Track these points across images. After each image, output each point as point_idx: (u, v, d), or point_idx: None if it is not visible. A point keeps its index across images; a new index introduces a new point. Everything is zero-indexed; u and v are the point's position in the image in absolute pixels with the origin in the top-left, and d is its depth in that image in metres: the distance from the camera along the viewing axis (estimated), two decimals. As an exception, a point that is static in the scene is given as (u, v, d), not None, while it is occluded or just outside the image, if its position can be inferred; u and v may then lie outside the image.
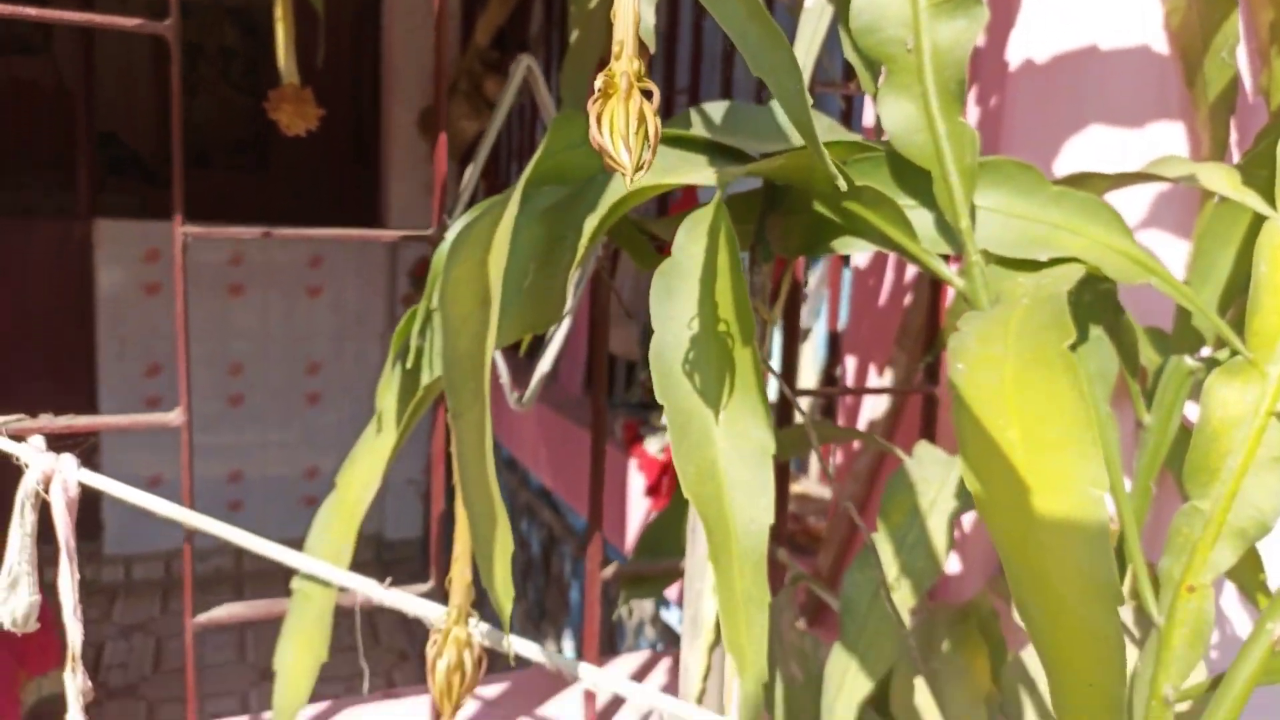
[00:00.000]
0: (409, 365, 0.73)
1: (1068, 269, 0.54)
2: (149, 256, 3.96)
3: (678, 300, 0.57)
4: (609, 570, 0.99)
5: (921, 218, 0.58)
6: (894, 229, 0.56)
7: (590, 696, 1.03)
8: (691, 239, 0.56)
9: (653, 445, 2.00)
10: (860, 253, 0.94)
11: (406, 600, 0.70)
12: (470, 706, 1.09)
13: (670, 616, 1.96)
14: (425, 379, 0.72)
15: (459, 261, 0.56)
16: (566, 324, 0.96)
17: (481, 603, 0.73)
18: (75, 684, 0.73)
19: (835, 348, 2.09)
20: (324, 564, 0.72)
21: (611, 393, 2.52)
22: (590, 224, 0.59)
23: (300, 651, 0.74)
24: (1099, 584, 0.42)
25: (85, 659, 0.72)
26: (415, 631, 4.20)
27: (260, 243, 4.22)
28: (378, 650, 3.76)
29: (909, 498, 0.83)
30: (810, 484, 1.96)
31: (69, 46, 4.21)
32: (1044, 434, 0.44)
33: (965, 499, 0.83)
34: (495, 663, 0.67)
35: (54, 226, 3.92)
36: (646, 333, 2.17)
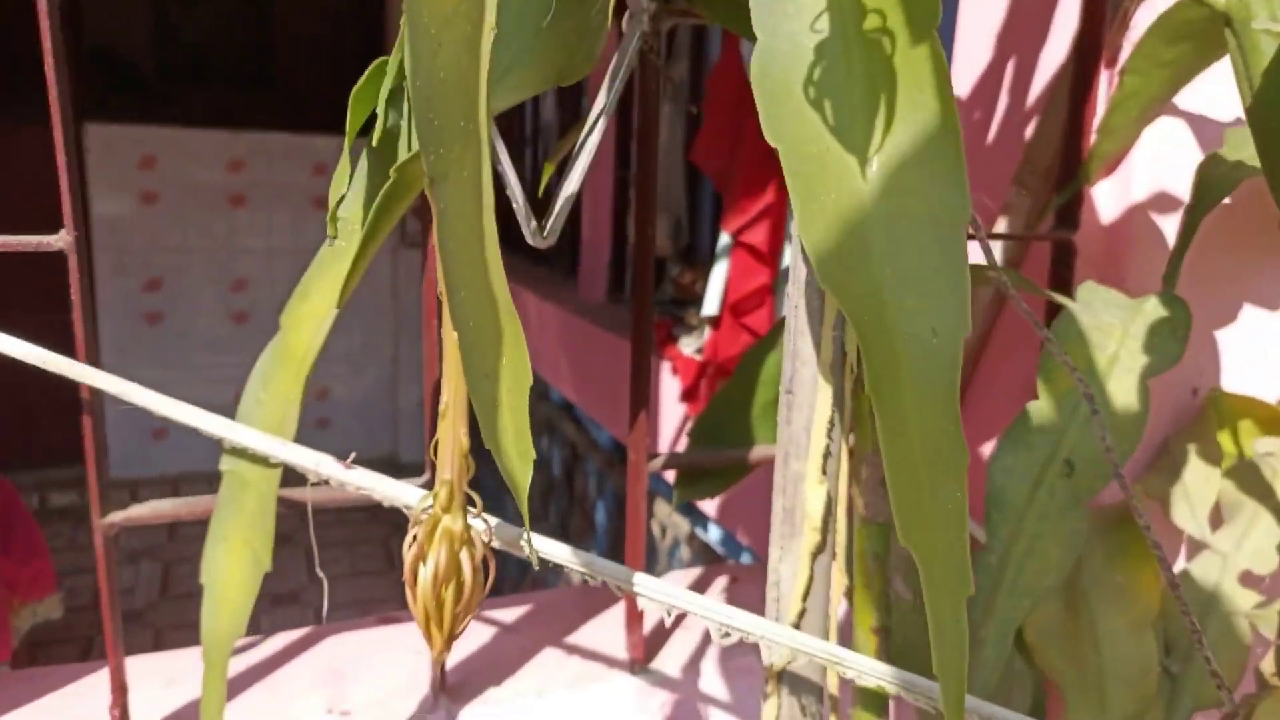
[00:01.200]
0: (374, 143, 0.51)
1: None
2: (144, 163, 3.73)
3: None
4: (657, 462, 0.76)
5: None
6: None
7: (635, 619, 0.81)
8: None
9: (688, 345, 1.77)
10: None
11: (374, 482, 0.48)
12: (479, 633, 0.88)
13: (710, 536, 1.75)
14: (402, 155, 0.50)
15: None
16: (596, 139, 0.72)
17: (495, 499, 0.50)
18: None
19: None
20: (261, 434, 0.50)
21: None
22: None
23: (234, 557, 0.53)
24: None
25: (90, 585, 0.50)
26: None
27: (264, 155, 3.97)
28: (394, 574, 3.60)
29: (1081, 352, 0.60)
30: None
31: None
32: None
33: (1159, 352, 0.59)
34: (506, 581, 0.46)
35: (40, 132, 3.67)
36: (678, 224, 1.87)
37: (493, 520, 0.47)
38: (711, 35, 2.00)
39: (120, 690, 0.66)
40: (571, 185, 0.72)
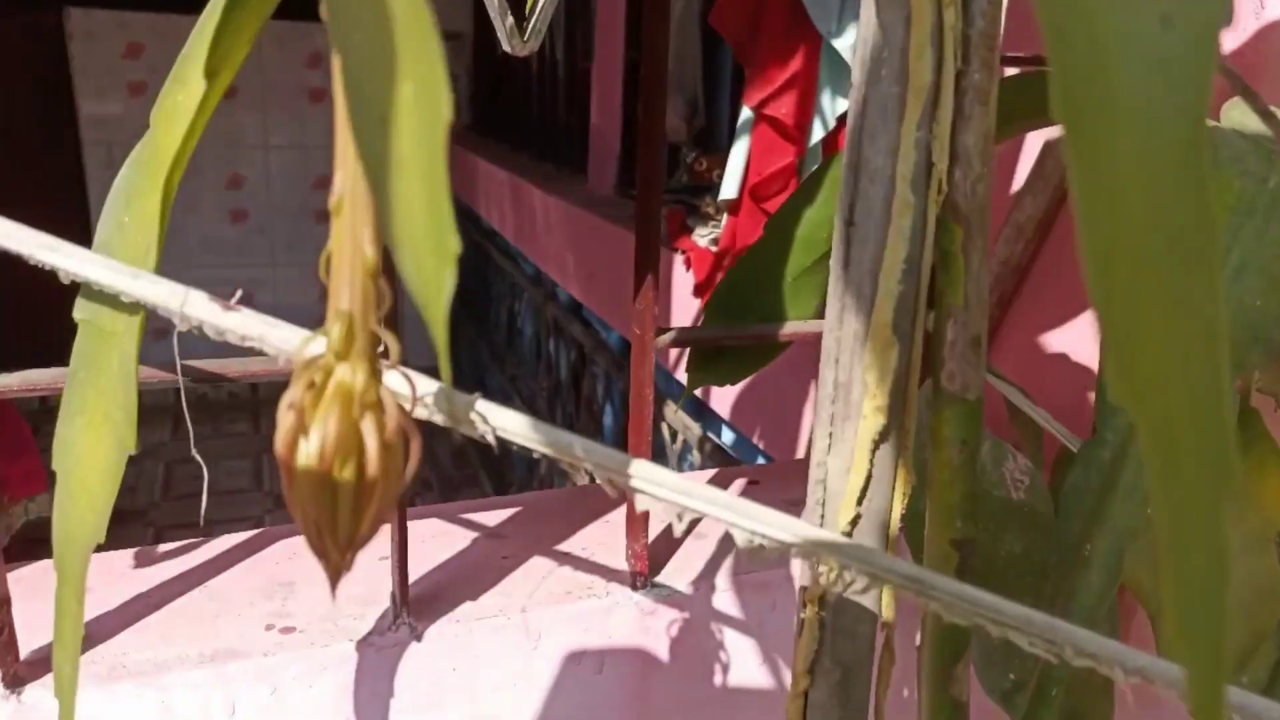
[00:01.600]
0: None
1: None
2: (130, 51, 3.53)
3: None
4: (666, 338, 0.62)
5: None
6: None
7: (638, 524, 0.68)
8: None
9: (703, 236, 1.62)
10: None
11: (265, 329, 0.34)
12: (452, 536, 0.75)
13: (725, 438, 1.62)
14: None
15: None
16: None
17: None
18: None
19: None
20: (109, 262, 0.35)
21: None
22: None
23: (94, 435, 0.39)
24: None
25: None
26: (458, 449, 3.94)
27: (255, 44, 3.75)
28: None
29: (1233, 186, 0.45)
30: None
31: None
32: None
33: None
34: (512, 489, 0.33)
35: (20, 19, 3.47)
36: (693, 104, 1.65)
37: (424, 382, 0.33)
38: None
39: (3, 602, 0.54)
40: (559, -29, 0.56)
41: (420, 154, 0.21)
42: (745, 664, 0.73)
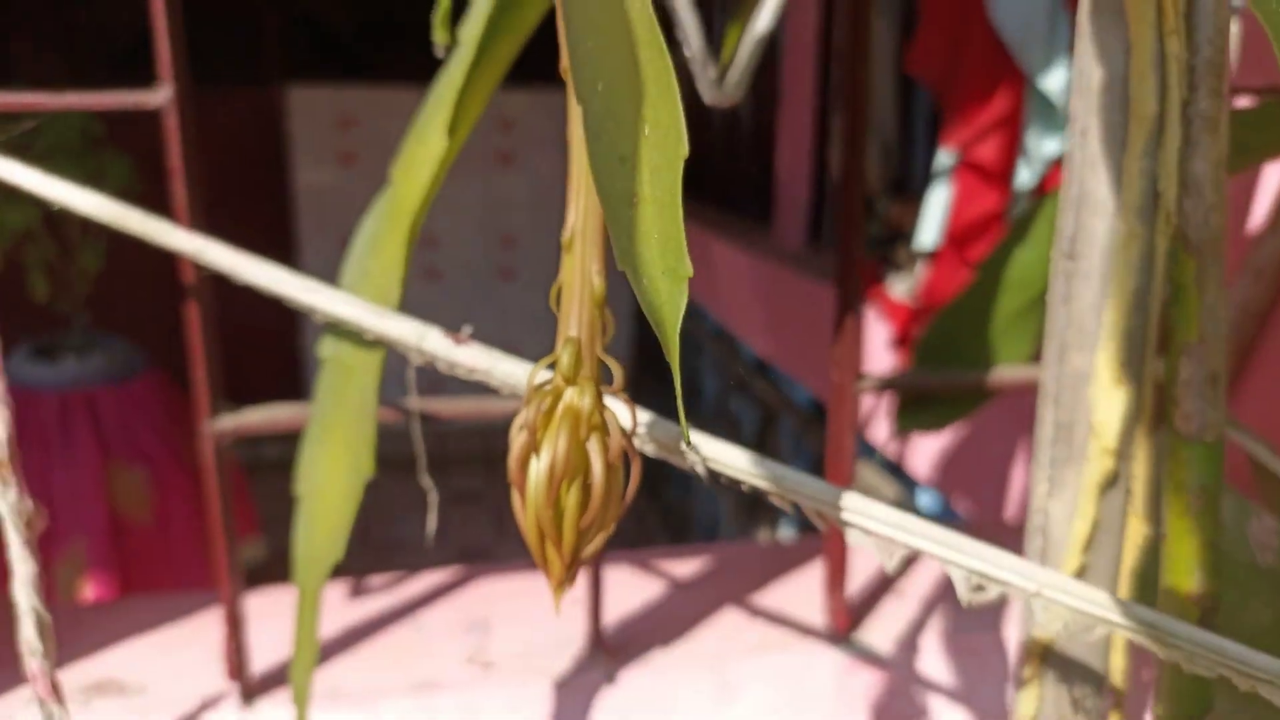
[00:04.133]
0: None
1: None
2: (342, 124, 3.83)
3: None
4: (868, 382, 0.61)
5: None
6: None
7: (838, 577, 0.66)
8: None
9: (897, 287, 1.58)
10: None
11: (492, 363, 0.36)
12: (643, 586, 0.75)
13: (920, 503, 1.56)
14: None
15: None
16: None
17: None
18: (8, 500, 0.45)
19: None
20: (360, 304, 0.38)
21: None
22: None
23: (335, 462, 0.42)
24: None
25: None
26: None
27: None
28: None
29: None
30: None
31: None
32: None
33: None
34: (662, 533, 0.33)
35: (245, 94, 3.84)
36: (887, 150, 1.64)
37: (647, 416, 0.34)
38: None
39: (234, 624, 0.58)
40: (762, 23, 0.57)
41: (658, 188, 0.22)
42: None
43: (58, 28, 3.70)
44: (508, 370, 0.36)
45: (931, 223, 1.36)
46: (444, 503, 3.97)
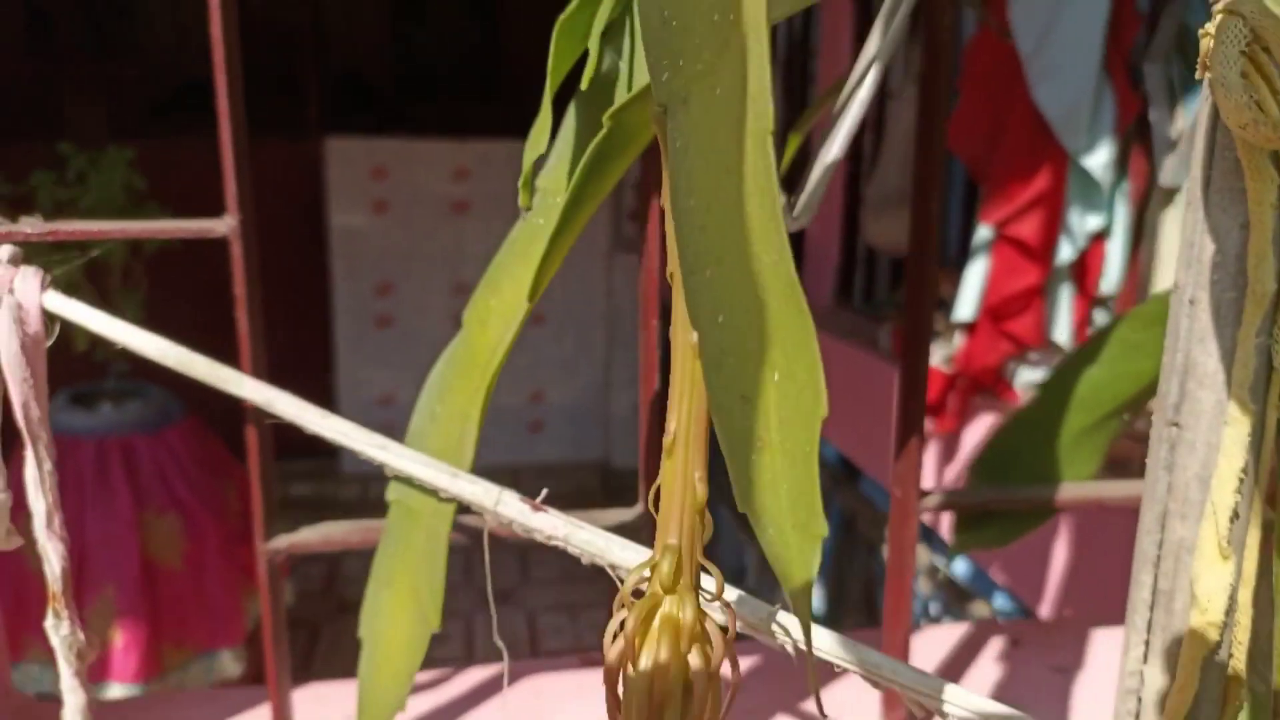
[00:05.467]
0: (584, 89, 0.38)
1: None
2: (376, 174, 3.88)
3: None
4: (931, 500, 0.60)
5: None
6: None
7: (896, 697, 0.65)
8: None
9: (935, 355, 1.57)
10: None
11: (569, 530, 0.35)
12: None
13: (955, 570, 1.54)
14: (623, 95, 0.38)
15: None
16: (866, 92, 0.57)
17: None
18: (60, 634, 0.44)
19: None
20: (428, 462, 0.38)
21: (871, 294, 2.08)
22: None
23: (400, 608, 0.41)
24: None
25: (322, 573, 0.41)
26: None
27: (488, 162, 4.06)
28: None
29: None
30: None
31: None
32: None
33: None
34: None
35: (285, 146, 3.90)
36: None
37: (733, 594, 0.33)
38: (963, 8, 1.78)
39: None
40: (833, 151, 0.56)
41: (790, 439, 0.21)
42: None
43: (101, 79, 3.78)
44: (585, 539, 0.35)
45: (970, 295, 1.35)
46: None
